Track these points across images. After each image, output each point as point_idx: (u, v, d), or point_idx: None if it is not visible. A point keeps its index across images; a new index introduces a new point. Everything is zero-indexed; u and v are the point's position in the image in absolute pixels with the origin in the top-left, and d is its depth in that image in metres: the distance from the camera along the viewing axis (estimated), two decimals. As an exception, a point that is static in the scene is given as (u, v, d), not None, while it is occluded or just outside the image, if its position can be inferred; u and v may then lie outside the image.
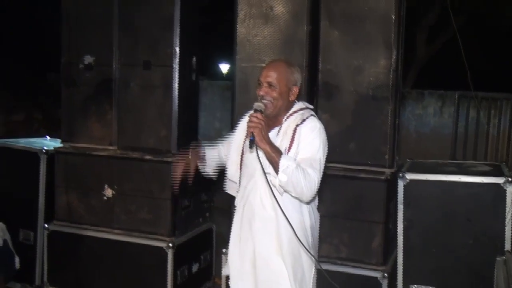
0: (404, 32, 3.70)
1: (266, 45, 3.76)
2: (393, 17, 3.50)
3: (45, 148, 4.48)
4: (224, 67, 18.50)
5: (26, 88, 9.98)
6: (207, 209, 4.58)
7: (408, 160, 4.01)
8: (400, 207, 3.50)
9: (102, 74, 4.21)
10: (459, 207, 3.41)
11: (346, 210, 3.62)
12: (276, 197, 2.69)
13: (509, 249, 3.31)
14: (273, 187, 2.68)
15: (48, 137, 5.29)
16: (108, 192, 4.15)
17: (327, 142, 2.82)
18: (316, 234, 2.97)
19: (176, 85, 3.98)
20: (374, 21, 3.54)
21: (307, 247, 2.78)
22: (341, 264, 3.61)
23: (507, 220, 3.32)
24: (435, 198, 3.46)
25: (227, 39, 4.00)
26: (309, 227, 2.86)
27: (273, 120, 2.83)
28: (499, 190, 3.35)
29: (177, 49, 3.96)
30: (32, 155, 4.51)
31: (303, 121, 2.79)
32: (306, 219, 2.84)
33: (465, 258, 3.40)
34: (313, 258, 2.85)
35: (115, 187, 4.14)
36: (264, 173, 2.69)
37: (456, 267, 3.42)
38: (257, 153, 2.63)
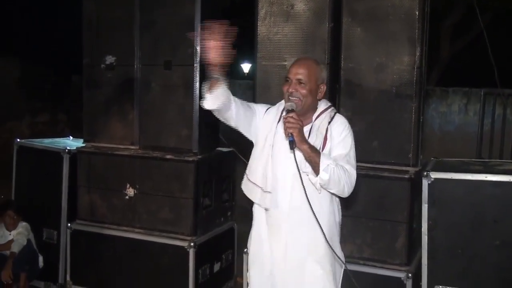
0: (428, 30, 3.63)
1: (287, 43, 3.73)
2: (417, 13, 3.43)
3: (67, 148, 4.52)
4: (246, 67, 18.49)
5: (51, 91, 10.13)
6: (229, 208, 4.57)
7: (432, 158, 3.93)
8: (425, 206, 3.43)
9: (124, 74, 4.23)
10: (485, 207, 3.32)
11: (369, 209, 3.57)
12: (311, 197, 2.64)
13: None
14: (313, 186, 2.65)
15: (71, 137, 5.34)
16: (130, 192, 4.16)
17: None
18: (340, 231, 2.95)
19: (197, 85, 3.96)
20: (398, 17, 3.48)
21: (337, 245, 2.82)
22: (364, 264, 3.57)
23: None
24: (461, 198, 3.38)
25: (249, 39, 3.96)
26: (338, 224, 2.89)
27: (300, 118, 2.80)
28: (527, 189, 3.25)
29: (198, 48, 3.95)
30: (55, 155, 4.55)
31: (331, 119, 2.79)
32: (337, 216, 2.86)
33: (492, 259, 3.31)
34: (341, 257, 2.85)
35: (137, 186, 4.15)
36: (300, 173, 2.62)
37: (482, 269, 3.34)
38: (294, 153, 2.59)
